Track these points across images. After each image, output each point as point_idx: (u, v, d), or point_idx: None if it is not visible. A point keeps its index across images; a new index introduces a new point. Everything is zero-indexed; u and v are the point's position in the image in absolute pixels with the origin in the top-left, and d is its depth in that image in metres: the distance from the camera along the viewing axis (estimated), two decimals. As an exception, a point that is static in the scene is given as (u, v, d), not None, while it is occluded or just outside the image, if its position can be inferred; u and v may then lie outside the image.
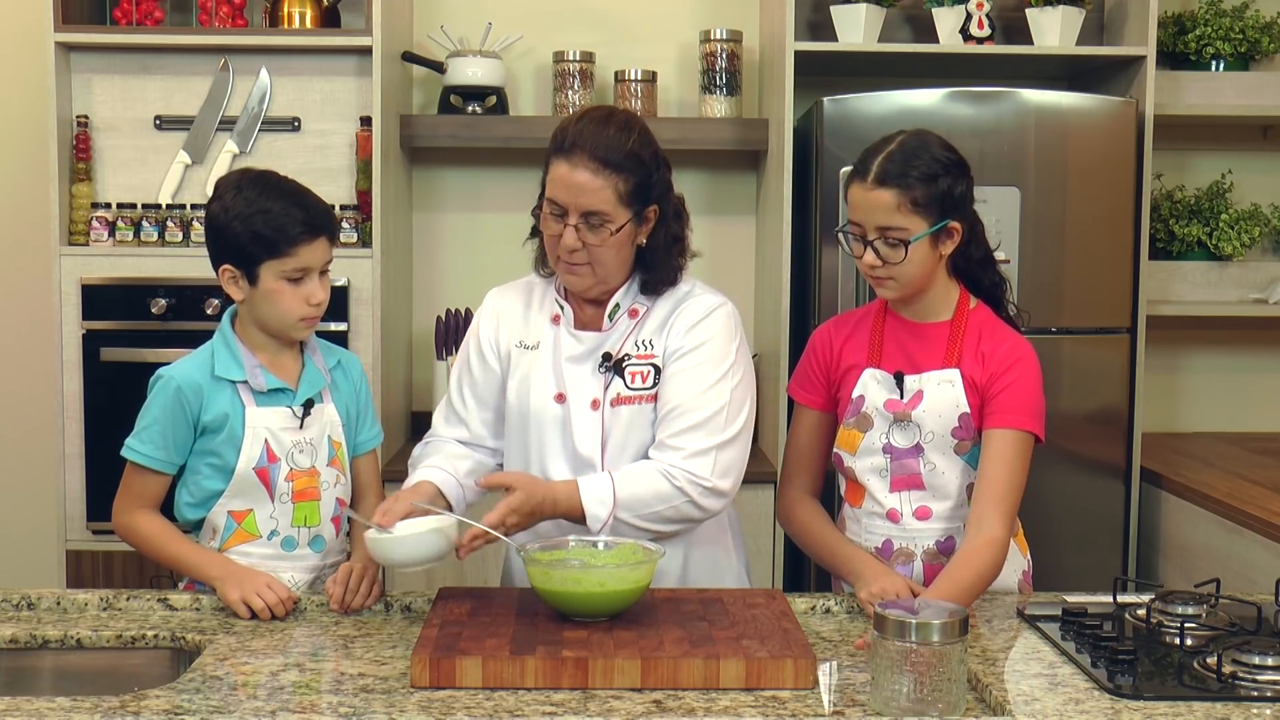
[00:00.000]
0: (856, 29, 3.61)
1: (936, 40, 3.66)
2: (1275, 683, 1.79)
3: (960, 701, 1.71)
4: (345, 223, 3.49)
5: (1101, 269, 3.52)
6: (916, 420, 2.26)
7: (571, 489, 2.18)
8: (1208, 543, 3.23)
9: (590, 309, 2.32)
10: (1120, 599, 2.15)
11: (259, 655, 1.94)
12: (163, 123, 3.57)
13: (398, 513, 2.11)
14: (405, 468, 2.38)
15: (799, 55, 3.52)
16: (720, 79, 3.83)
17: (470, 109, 3.81)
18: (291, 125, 3.59)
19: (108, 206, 3.52)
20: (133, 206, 3.53)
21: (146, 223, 3.52)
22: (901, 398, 2.28)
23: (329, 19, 3.68)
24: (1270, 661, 1.82)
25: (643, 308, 2.31)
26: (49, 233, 3.53)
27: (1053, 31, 3.59)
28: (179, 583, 2.35)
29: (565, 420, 2.28)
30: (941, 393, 2.26)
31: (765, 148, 3.77)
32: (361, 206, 3.56)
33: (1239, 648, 1.86)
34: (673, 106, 3.99)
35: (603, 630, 1.93)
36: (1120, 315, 3.54)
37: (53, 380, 3.53)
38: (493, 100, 3.83)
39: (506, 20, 3.89)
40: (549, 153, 2.23)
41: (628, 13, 4.00)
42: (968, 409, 2.25)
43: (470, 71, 3.79)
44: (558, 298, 2.34)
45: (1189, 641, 1.97)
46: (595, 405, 2.28)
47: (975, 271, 2.33)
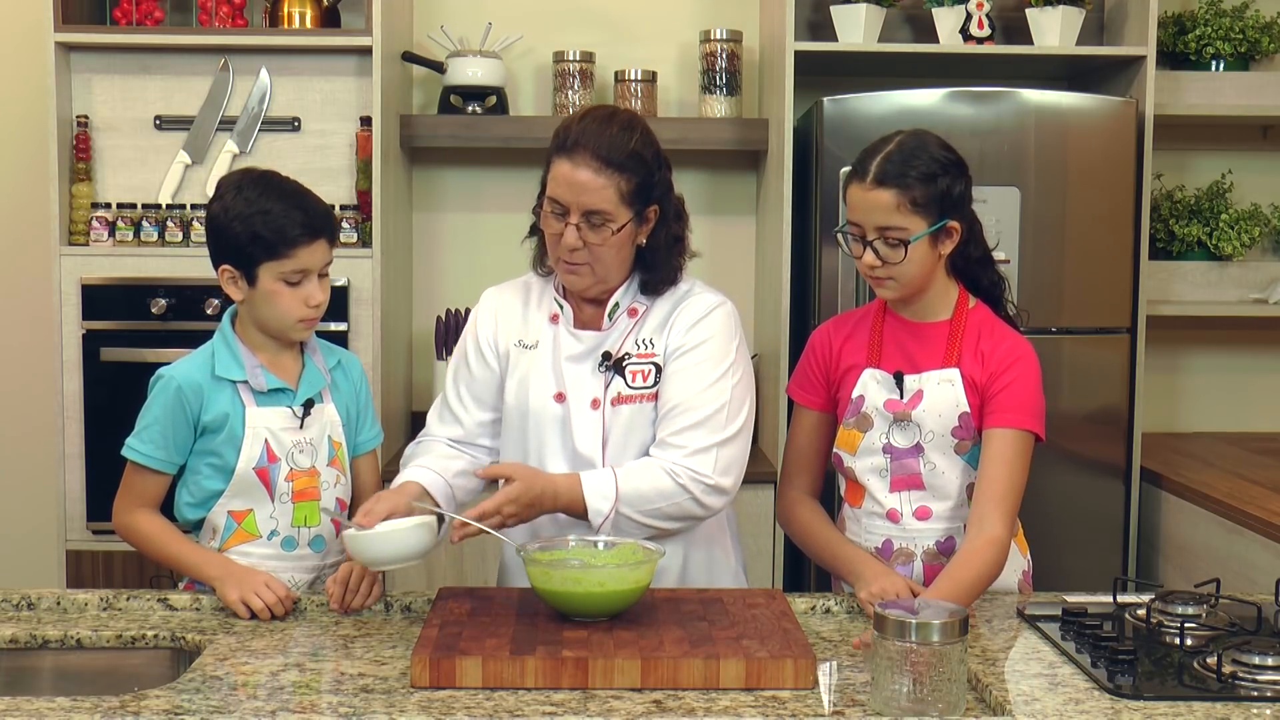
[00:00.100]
0: (856, 29, 3.61)
1: (936, 40, 3.66)
2: (1275, 683, 1.79)
3: (960, 701, 1.71)
4: (345, 223, 3.49)
5: (1101, 269, 3.52)
6: (916, 420, 2.26)
7: (573, 482, 2.17)
8: (1208, 543, 3.22)
9: (589, 308, 2.32)
10: (1120, 599, 2.15)
11: (259, 655, 1.94)
12: (163, 123, 3.57)
13: (379, 513, 2.09)
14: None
15: (799, 55, 3.52)
16: (720, 79, 3.83)
17: (470, 109, 3.81)
18: (291, 125, 3.59)
19: (108, 206, 3.52)
20: (133, 206, 3.53)
21: (146, 223, 3.52)
22: (901, 398, 2.28)
23: (329, 19, 3.67)
24: (1270, 661, 1.82)
25: (642, 307, 2.31)
26: (49, 233, 3.53)
27: (1053, 31, 3.59)
28: (179, 583, 2.35)
29: (565, 419, 2.28)
30: (941, 392, 2.26)
31: (765, 148, 3.76)
32: (361, 206, 3.56)
33: (1239, 648, 1.86)
34: (673, 106, 3.99)
35: (603, 630, 1.93)
36: (1120, 315, 3.54)
37: (53, 380, 3.53)
38: (493, 100, 3.83)
39: (506, 20, 3.89)
40: (551, 151, 2.23)
41: (628, 13, 4.00)
42: (968, 408, 2.25)
43: (470, 71, 3.79)
44: (556, 296, 2.34)
45: (1189, 641, 1.97)
46: (595, 404, 2.27)
47: (974, 271, 2.33)
